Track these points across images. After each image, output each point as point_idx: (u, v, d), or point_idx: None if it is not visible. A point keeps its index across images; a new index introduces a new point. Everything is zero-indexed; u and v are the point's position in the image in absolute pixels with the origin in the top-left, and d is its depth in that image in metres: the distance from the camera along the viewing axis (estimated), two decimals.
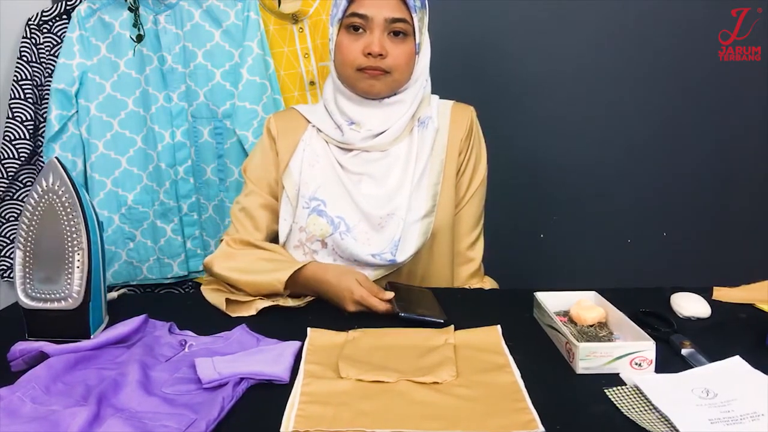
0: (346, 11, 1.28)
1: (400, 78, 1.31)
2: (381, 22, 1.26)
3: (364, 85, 1.30)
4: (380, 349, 0.98)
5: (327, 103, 1.38)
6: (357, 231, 1.30)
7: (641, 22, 1.98)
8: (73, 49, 1.71)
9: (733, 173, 2.09)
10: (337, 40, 1.31)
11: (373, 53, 1.26)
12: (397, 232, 1.28)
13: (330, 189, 1.32)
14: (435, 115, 1.37)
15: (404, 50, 1.29)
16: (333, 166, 1.33)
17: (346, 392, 0.86)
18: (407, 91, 1.34)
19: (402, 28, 1.28)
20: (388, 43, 1.28)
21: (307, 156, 1.35)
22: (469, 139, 1.39)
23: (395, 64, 1.28)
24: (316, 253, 1.32)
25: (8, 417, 0.79)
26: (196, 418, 0.79)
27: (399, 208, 1.30)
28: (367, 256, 1.28)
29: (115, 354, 0.97)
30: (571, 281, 1.21)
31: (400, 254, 1.28)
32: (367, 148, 1.33)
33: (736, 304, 1.17)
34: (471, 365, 0.93)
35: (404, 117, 1.33)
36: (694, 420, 0.78)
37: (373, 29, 1.27)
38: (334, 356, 0.95)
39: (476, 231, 1.42)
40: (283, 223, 1.35)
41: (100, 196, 1.76)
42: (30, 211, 0.98)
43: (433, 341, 1.01)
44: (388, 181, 1.32)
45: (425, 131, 1.35)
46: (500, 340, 1.01)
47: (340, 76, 1.33)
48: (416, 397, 0.85)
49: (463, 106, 1.42)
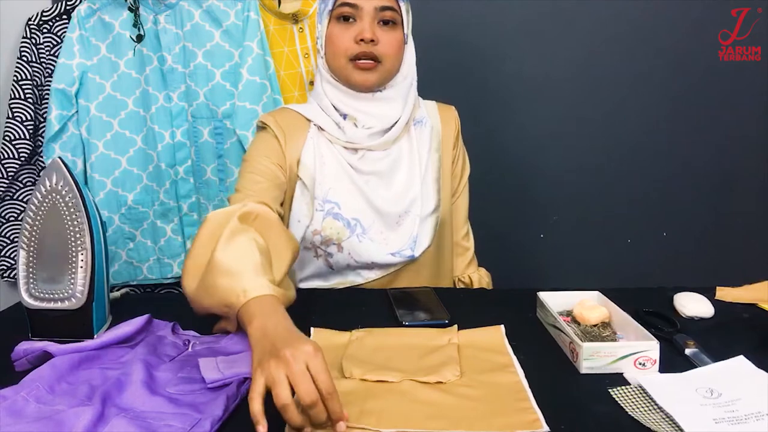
0: (336, 2, 1.29)
1: (392, 67, 1.32)
2: (371, 11, 1.28)
3: (359, 78, 1.30)
4: (384, 349, 0.98)
5: (320, 100, 1.36)
6: (373, 231, 1.30)
7: (641, 22, 1.98)
8: (73, 49, 1.71)
9: (733, 173, 2.09)
10: (327, 32, 1.31)
11: (365, 39, 1.27)
12: (414, 227, 1.31)
13: (342, 190, 1.31)
14: (426, 114, 1.41)
15: (395, 37, 1.31)
16: (343, 167, 1.32)
17: (349, 392, 0.85)
18: (397, 87, 1.35)
19: (391, 17, 1.29)
20: (378, 30, 1.29)
21: (317, 155, 1.33)
22: (458, 135, 1.45)
23: (386, 52, 1.29)
24: (331, 256, 1.31)
25: (12, 417, 0.79)
26: (200, 418, 0.79)
27: (414, 204, 1.33)
28: (387, 256, 1.30)
29: (119, 354, 0.97)
30: (571, 281, 1.22)
31: (417, 248, 1.31)
32: (374, 146, 1.32)
33: (739, 304, 1.17)
34: (475, 365, 0.93)
35: (404, 115, 1.34)
36: (698, 419, 0.78)
37: (363, 17, 1.28)
38: (337, 356, 0.95)
39: (467, 222, 1.49)
40: (297, 225, 1.31)
41: (100, 196, 1.76)
42: (33, 211, 0.98)
43: (437, 341, 1.01)
44: (396, 180, 1.34)
45: (422, 129, 1.39)
46: (504, 339, 1.01)
47: (333, 68, 1.33)
48: (420, 397, 0.85)
49: (447, 106, 1.48)
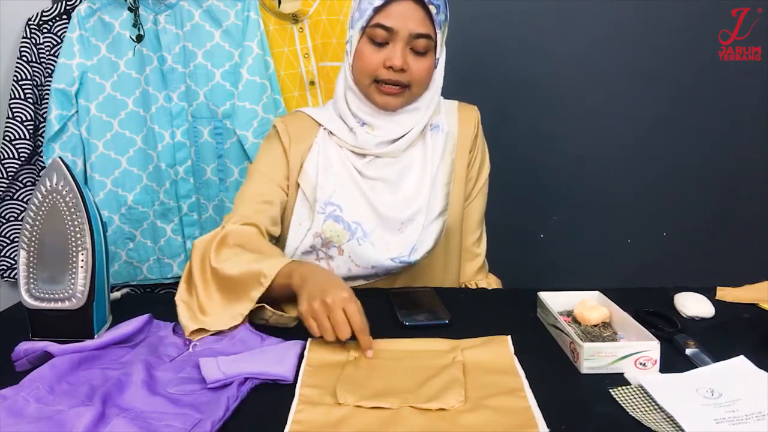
0: (371, 20, 1.23)
1: (418, 92, 1.29)
2: (405, 36, 1.22)
3: (381, 101, 1.27)
4: (383, 369, 0.93)
5: (337, 103, 1.34)
6: (374, 236, 1.28)
7: (641, 22, 1.98)
8: (73, 49, 1.71)
9: (734, 173, 2.09)
10: (357, 46, 1.26)
11: (395, 67, 1.23)
12: (416, 234, 1.28)
13: (346, 194, 1.30)
14: (444, 117, 1.37)
15: (425, 65, 1.26)
16: (349, 171, 1.31)
17: (341, 422, 0.79)
18: (422, 99, 1.32)
19: (425, 46, 1.24)
20: (409, 56, 1.24)
21: (321, 159, 1.32)
22: (476, 137, 1.41)
23: (415, 79, 1.26)
24: (332, 259, 1.30)
25: (13, 417, 0.79)
26: (201, 418, 0.79)
27: (419, 212, 1.29)
28: (386, 260, 1.27)
29: (119, 354, 0.97)
30: (571, 281, 1.21)
31: (414, 254, 1.28)
32: (382, 154, 1.31)
33: (740, 304, 1.17)
34: (481, 388, 0.87)
35: (419, 124, 1.32)
36: (699, 420, 0.78)
37: (396, 42, 1.23)
38: (333, 377, 0.90)
39: (481, 227, 1.45)
40: (298, 228, 1.31)
41: (100, 196, 1.76)
42: (34, 211, 0.98)
43: (441, 360, 0.95)
44: (403, 186, 1.31)
45: (438, 135, 1.35)
46: (512, 357, 0.95)
47: (357, 82, 1.29)
48: (418, 428, 0.78)
49: (468, 106, 1.43)
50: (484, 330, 1.03)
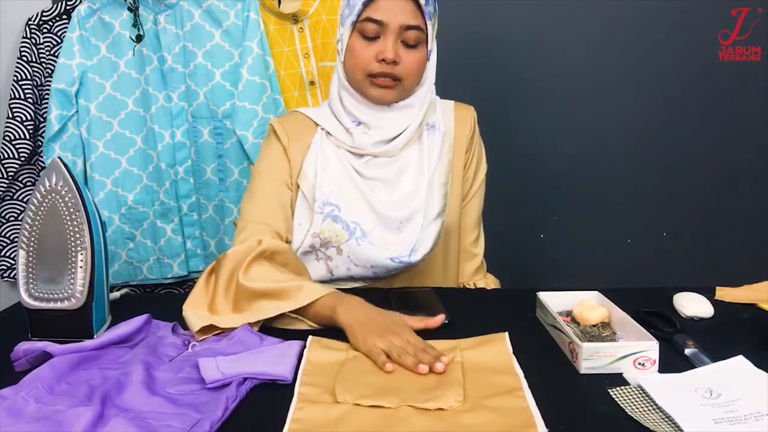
0: (361, 15, 1.24)
1: (411, 86, 1.30)
2: (396, 29, 1.23)
3: (375, 94, 1.28)
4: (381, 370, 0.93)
5: (332, 103, 1.35)
6: (373, 236, 1.28)
7: (641, 22, 1.98)
8: (73, 49, 1.71)
9: (734, 173, 2.09)
10: (349, 43, 1.27)
11: (387, 60, 1.23)
12: (415, 234, 1.28)
13: (344, 193, 1.30)
14: (440, 117, 1.37)
15: (417, 57, 1.27)
16: (347, 171, 1.31)
17: (340, 420, 0.79)
18: (416, 95, 1.32)
19: (416, 38, 1.25)
20: (401, 49, 1.25)
21: (319, 159, 1.32)
22: (473, 137, 1.41)
23: (407, 72, 1.27)
24: (331, 259, 1.29)
25: (12, 417, 0.79)
26: (200, 418, 0.79)
27: (417, 211, 1.29)
28: (386, 260, 1.27)
29: (119, 354, 0.97)
30: (570, 281, 1.21)
31: (415, 254, 1.28)
32: (379, 153, 1.31)
33: (739, 304, 1.17)
34: (480, 387, 0.86)
35: (414, 122, 1.32)
36: (698, 420, 0.78)
37: (387, 35, 1.24)
38: (332, 376, 0.90)
39: (479, 227, 1.45)
40: (299, 228, 1.31)
41: (100, 196, 1.76)
42: (33, 211, 0.98)
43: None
44: (401, 185, 1.31)
45: (434, 134, 1.35)
46: (510, 357, 0.95)
47: (350, 79, 1.30)
48: (417, 427, 0.78)
49: (464, 106, 1.43)
50: (483, 330, 1.03)
